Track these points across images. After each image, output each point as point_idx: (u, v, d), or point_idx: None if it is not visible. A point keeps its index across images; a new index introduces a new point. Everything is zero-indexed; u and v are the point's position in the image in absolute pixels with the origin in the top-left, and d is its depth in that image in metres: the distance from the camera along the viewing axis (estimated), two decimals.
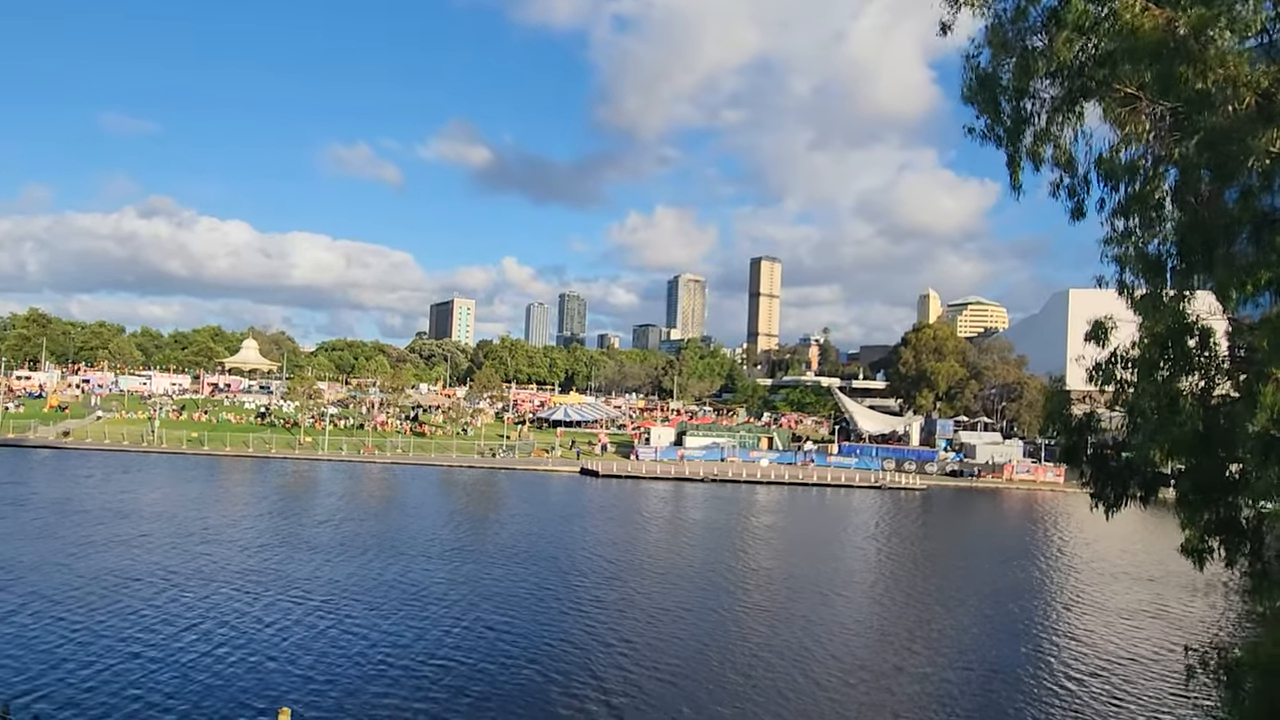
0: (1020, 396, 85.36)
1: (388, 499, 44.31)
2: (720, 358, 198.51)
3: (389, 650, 19.23)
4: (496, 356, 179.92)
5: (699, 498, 50.75)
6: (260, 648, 18.92)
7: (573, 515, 40.71)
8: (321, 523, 35.38)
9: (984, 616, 24.82)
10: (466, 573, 27.09)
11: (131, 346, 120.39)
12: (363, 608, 22.48)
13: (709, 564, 30.38)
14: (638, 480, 57.62)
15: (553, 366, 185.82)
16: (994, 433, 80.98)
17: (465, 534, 34.22)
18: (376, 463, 59.78)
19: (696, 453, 68.88)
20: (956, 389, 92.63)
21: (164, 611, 21.18)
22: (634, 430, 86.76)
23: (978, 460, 69.45)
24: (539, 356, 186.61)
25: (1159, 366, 7.46)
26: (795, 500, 53.38)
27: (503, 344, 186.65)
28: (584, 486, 53.76)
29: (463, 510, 41.15)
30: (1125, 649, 22.20)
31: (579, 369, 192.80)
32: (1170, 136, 7.50)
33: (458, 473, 57.40)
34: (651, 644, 20.52)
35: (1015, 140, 8.32)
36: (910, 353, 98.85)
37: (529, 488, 51.41)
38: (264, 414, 75.78)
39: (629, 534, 36.32)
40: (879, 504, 51.98)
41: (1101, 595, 28.70)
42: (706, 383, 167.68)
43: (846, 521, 44.49)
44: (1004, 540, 40.44)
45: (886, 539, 38.76)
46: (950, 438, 77.19)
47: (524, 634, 20.79)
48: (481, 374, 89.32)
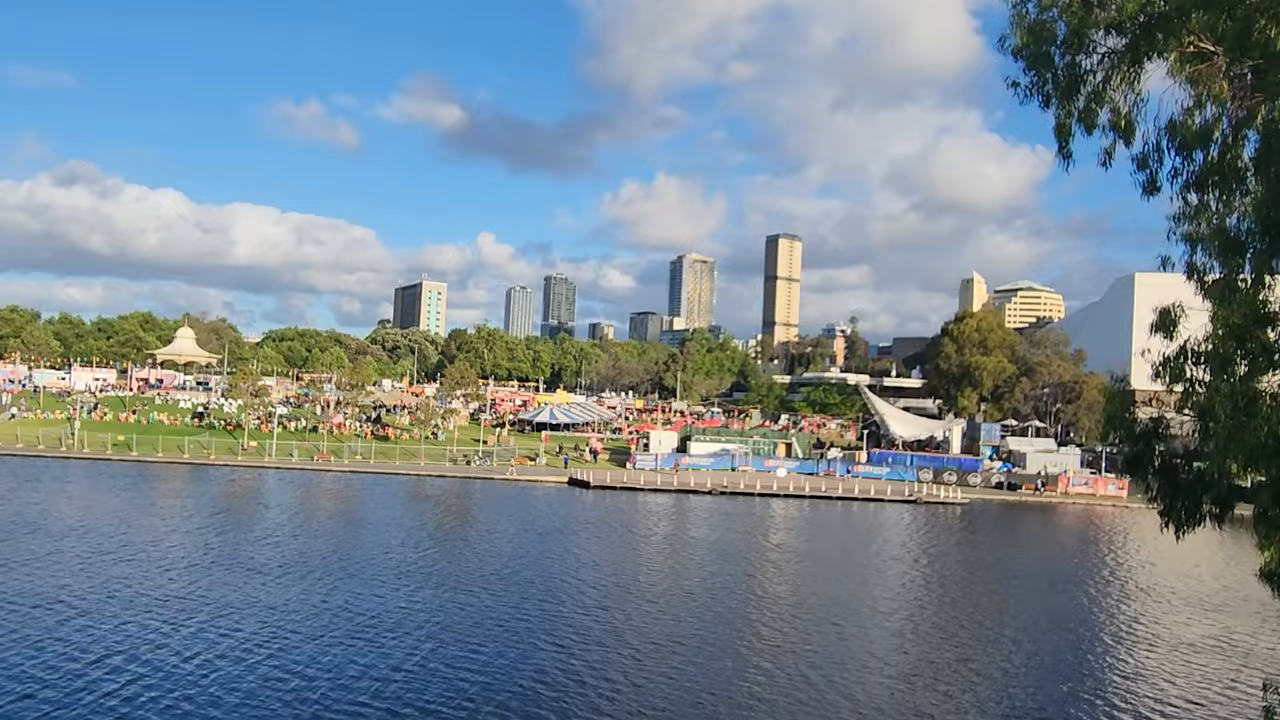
0: (1078, 397, 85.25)
1: (343, 513, 44.18)
2: (731, 351, 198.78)
3: (329, 688, 18.99)
4: (471, 348, 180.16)
5: (705, 513, 50.69)
6: (179, 685, 18.64)
7: (556, 532, 40.58)
8: (263, 540, 35.21)
9: (1030, 653, 24.63)
10: (426, 599, 26.88)
11: (48, 335, 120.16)
12: (303, 639, 22.24)
13: (711, 590, 30.19)
14: (634, 492, 57.58)
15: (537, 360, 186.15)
16: (1047, 439, 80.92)
17: (430, 554, 34.06)
18: (331, 471, 59.74)
19: (703, 461, 68.90)
20: (1004, 388, 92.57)
21: (69, 644, 20.95)
22: (630, 435, 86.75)
23: (1028, 471, 69.37)
24: (521, 349, 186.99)
25: (1234, 362, 7.21)
26: (816, 516, 53.34)
27: (479, 334, 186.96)
28: (572, 499, 53.75)
29: (429, 526, 41.02)
30: (1191, 687, 22.06)
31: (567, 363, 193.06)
32: (1252, 98, 7.22)
33: (426, 483, 57.36)
34: (637, 684, 20.29)
35: (1068, 100, 8.02)
36: (951, 346, 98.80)
37: (508, 500, 51.38)
38: (201, 414, 75.72)
39: (621, 555, 36.17)
40: (913, 520, 51.89)
41: (1166, 627, 28.55)
42: (715, 380, 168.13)
43: (875, 540, 44.38)
44: (1056, 563, 40.31)
45: (920, 561, 38.61)
46: (996, 444, 77.13)
47: (489, 671, 20.56)
48: (454, 369, 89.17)
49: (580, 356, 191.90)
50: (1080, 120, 8.12)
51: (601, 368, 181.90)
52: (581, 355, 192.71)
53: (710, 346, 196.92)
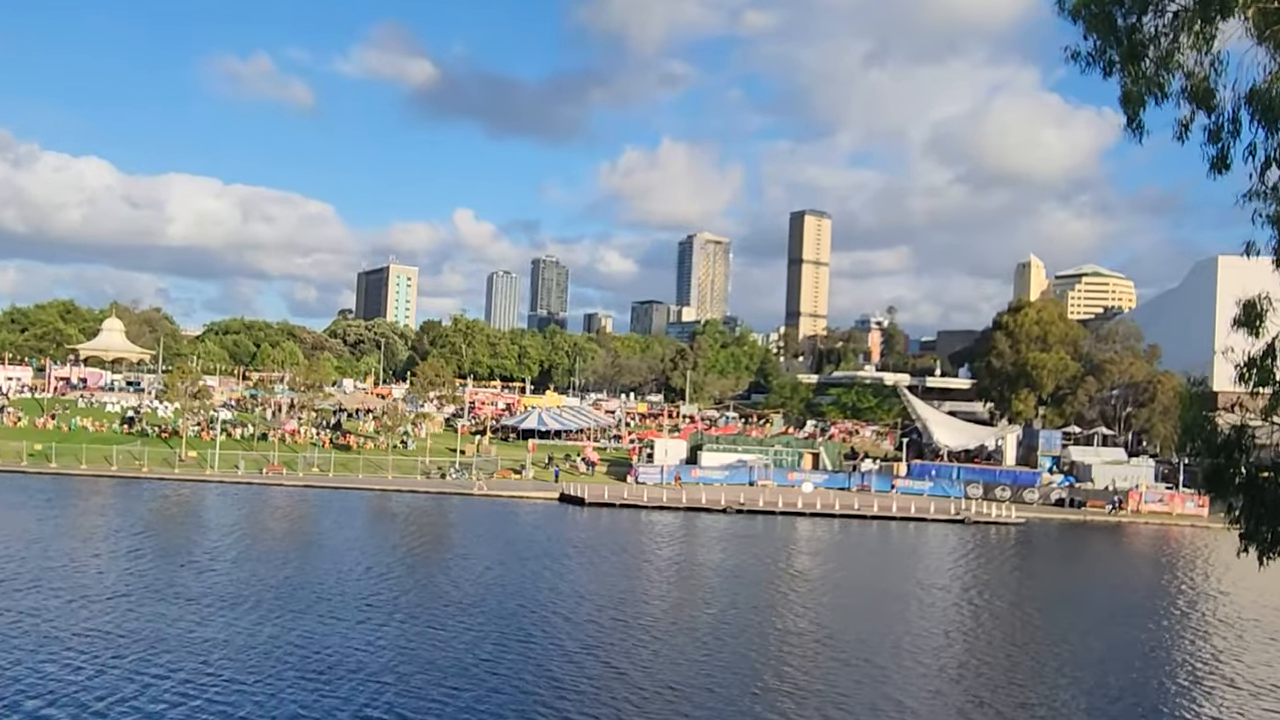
0: (1151, 400, 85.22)
1: (296, 534, 44.30)
2: (749, 346, 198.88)
3: None
4: (447, 343, 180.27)
5: (717, 534, 50.83)
6: None
7: (545, 557, 40.69)
8: (203, 565, 35.30)
9: (1092, 695, 24.63)
10: (393, 635, 26.95)
11: None
12: (250, 681, 22.31)
13: (724, 626, 30.24)
14: (636, 510, 57.78)
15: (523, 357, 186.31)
16: (1115, 448, 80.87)
17: (397, 582, 34.15)
18: (284, 485, 59.92)
19: (716, 474, 69.14)
20: (1066, 390, 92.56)
21: None
22: (632, 443, 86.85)
23: (1094, 485, 69.36)
24: (504, 344, 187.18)
25: None
26: (848, 537, 53.44)
27: (455, 326, 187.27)
28: (564, 518, 53.92)
29: (397, 550, 41.12)
30: None
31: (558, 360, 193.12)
32: None
33: (394, 500, 57.57)
34: None
35: (1133, 66, 8.01)
36: (1005, 341, 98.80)
37: (489, 520, 51.57)
38: (132, 419, 75.88)
39: (619, 584, 36.25)
40: (960, 543, 51.97)
41: (1248, 666, 28.57)
42: (730, 380, 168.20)
43: (916, 566, 44.40)
44: (1125, 593, 40.33)
45: (968, 591, 38.64)
46: (1057, 455, 77.17)
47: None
48: (427, 367, 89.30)
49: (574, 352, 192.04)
50: (1149, 88, 8.11)
51: (598, 365, 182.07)
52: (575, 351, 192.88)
53: (725, 341, 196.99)
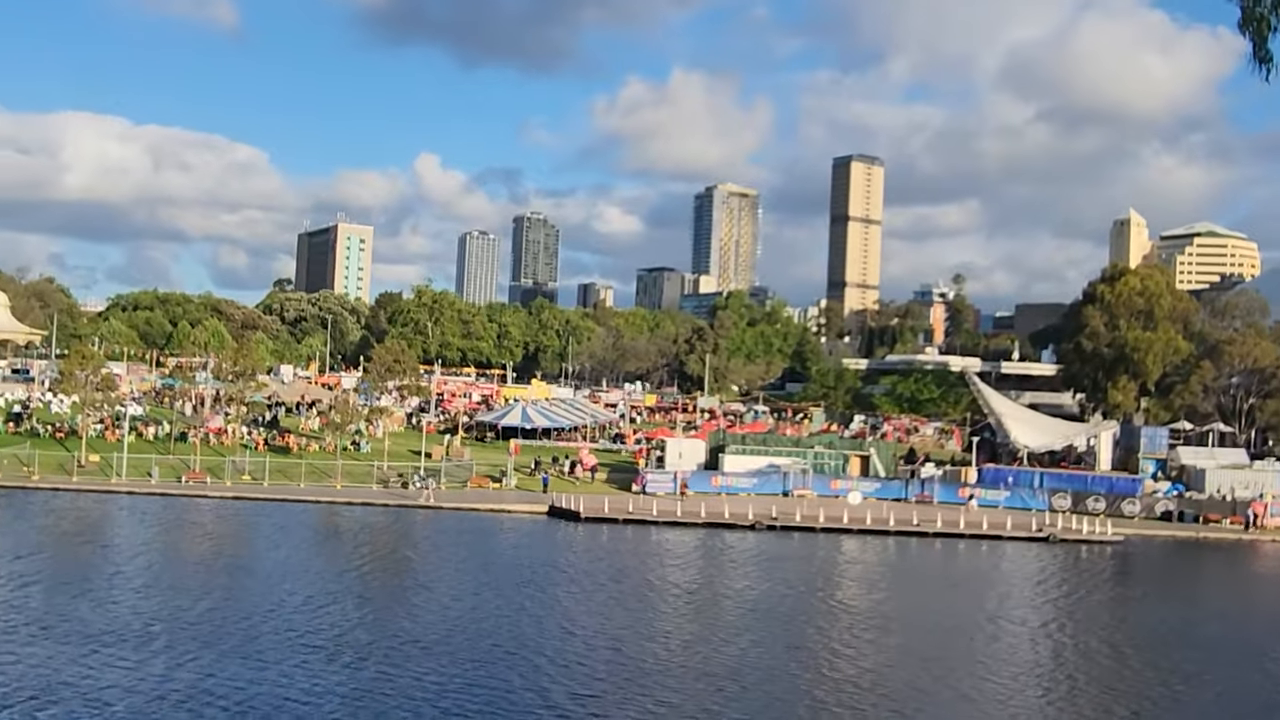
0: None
1: (221, 557, 44.30)
2: (782, 324, 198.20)
3: None
4: (409, 320, 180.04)
5: (743, 555, 50.77)
6: None
7: (527, 585, 40.60)
8: (103, 596, 35.29)
9: None
10: (340, 682, 26.87)
11: None
12: None
13: (744, 668, 30.07)
14: (643, 526, 57.77)
15: (503, 338, 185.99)
16: (1235, 449, 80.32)
17: (343, 617, 34.07)
18: (207, 497, 60.01)
19: (743, 482, 69.13)
20: (1175, 377, 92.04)
21: None
22: (638, 444, 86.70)
23: (1207, 494, 68.97)
24: (480, 321, 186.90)
25: None
26: (904, 560, 53.29)
27: (419, 300, 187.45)
28: (553, 536, 53.94)
29: (344, 577, 41.06)
30: None
31: (547, 342, 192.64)
32: None
33: (345, 514, 57.64)
34: None
35: None
36: (1098, 317, 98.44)
37: (461, 539, 51.51)
38: (19, 415, 75.95)
39: (616, 617, 36.13)
40: (1043, 565, 51.78)
41: None
42: (759, 365, 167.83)
43: (986, 595, 44.22)
44: (1248, 627, 40.07)
45: (1052, 625, 38.46)
46: (1163, 457, 76.71)
47: None
48: (384, 350, 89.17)
49: (566, 332, 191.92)
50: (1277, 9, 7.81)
51: (596, 348, 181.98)
52: (567, 330, 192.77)
53: (753, 317, 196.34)
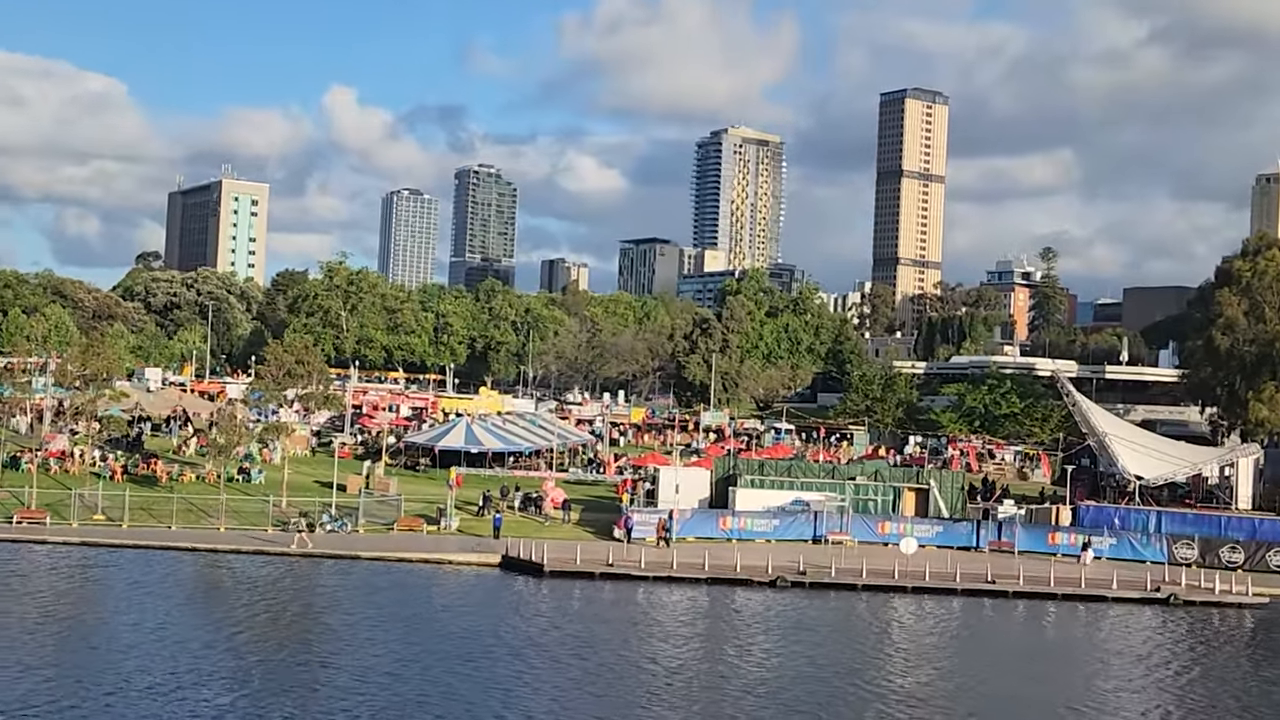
0: None
1: (55, 624, 43.89)
2: (813, 315, 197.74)
3: None
4: (317, 308, 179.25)
5: (761, 622, 50.60)
6: None
7: (463, 666, 40.54)
8: None
9: None
10: None
11: None
12: None
13: None
14: (628, 583, 57.51)
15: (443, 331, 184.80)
16: None
17: (201, 710, 33.68)
18: (47, 542, 59.48)
19: (760, 524, 68.94)
20: None
21: None
22: (621, 474, 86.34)
23: None
24: (411, 310, 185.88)
25: None
26: (975, 627, 53.22)
27: (330, 281, 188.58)
28: (507, 596, 53.90)
29: (213, 651, 40.73)
30: None
31: (500, 337, 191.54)
32: None
33: (227, 566, 57.37)
34: None
35: None
36: (1237, 304, 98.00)
37: (383, 598, 51.28)
38: None
39: (587, 707, 36.09)
40: (1162, 636, 51.71)
41: None
42: (782, 369, 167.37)
43: (1084, 676, 44.03)
44: None
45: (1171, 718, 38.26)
46: None
47: None
48: (283, 348, 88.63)
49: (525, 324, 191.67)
50: None
51: (566, 346, 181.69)
52: (528, 322, 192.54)
53: (774, 305, 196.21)
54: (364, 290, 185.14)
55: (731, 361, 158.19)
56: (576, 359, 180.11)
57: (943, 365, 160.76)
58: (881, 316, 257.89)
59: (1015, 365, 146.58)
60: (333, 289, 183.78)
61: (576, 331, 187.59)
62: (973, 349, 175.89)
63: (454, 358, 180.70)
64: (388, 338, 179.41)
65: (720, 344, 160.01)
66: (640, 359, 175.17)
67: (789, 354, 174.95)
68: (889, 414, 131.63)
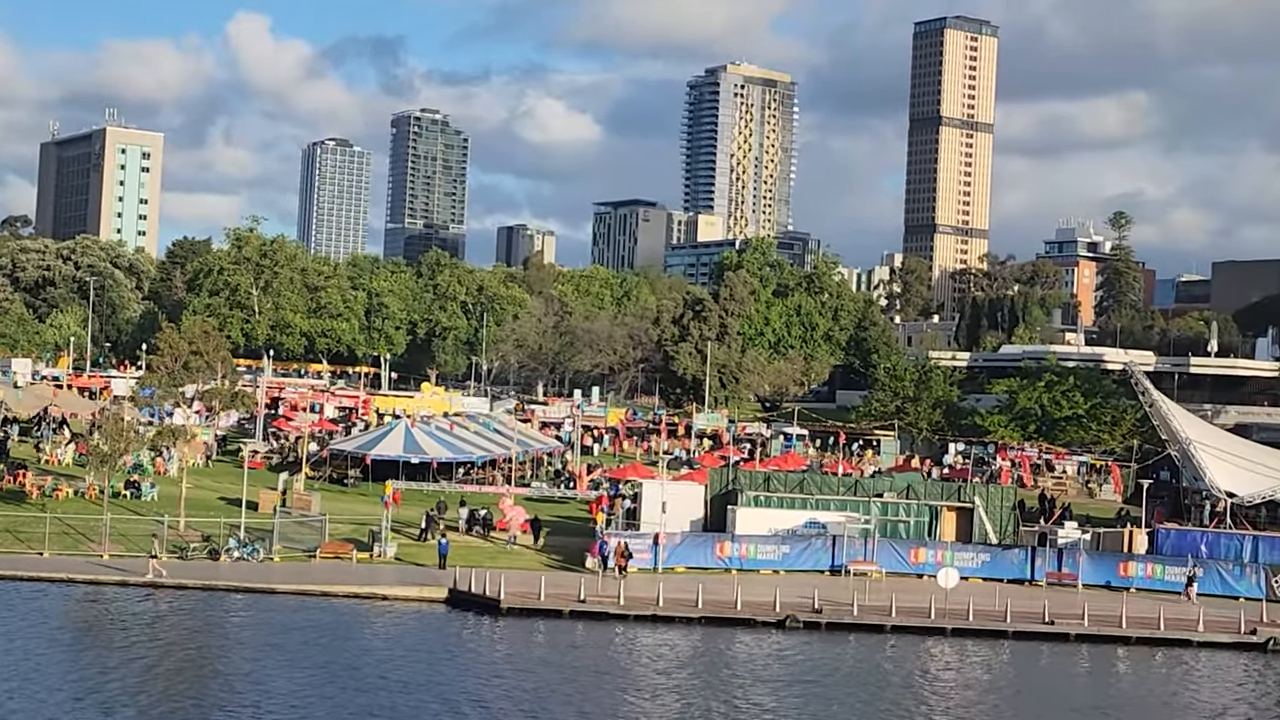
0: None
1: None
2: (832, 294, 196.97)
3: None
4: (222, 286, 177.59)
5: (766, 671, 50.68)
6: None
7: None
8: None
9: None
10: None
11: None
12: None
13: None
14: (603, 623, 57.51)
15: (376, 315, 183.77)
16: None
17: None
18: None
19: (766, 551, 69.32)
20: None
21: None
22: (595, 489, 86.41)
23: None
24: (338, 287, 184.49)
25: None
26: (1029, 677, 53.42)
27: (238, 250, 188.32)
28: (454, 639, 54.06)
29: (82, 709, 40.32)
30: None
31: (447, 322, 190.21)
32: None
33: (111, 601, 57.16)
34: None
35: None
36: None
37: (298, 640, 51.15)
38: None
39: None
40: (1258, 693, 51.73)
41: None
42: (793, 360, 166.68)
43: None
44: None
45: None
46: None
47: None
48: (179, 334, 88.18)
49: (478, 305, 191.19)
50: None
51: (528, 332, 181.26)
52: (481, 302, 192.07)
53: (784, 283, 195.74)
54: (280, 264, 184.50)
55: (731, 352, 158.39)
56: (541, 348, 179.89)
57: (990, 356, 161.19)
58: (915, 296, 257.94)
59: (1079, 357, 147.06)
60: (242, 262, 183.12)
61: (541, 314, 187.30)
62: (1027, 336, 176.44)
63: (390, 346, 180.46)
64: (309, 322, 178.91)
65: (717, 330, 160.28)
66: (619, 348, 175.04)
67: (801, 342, 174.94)
68: (924, 416, 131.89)
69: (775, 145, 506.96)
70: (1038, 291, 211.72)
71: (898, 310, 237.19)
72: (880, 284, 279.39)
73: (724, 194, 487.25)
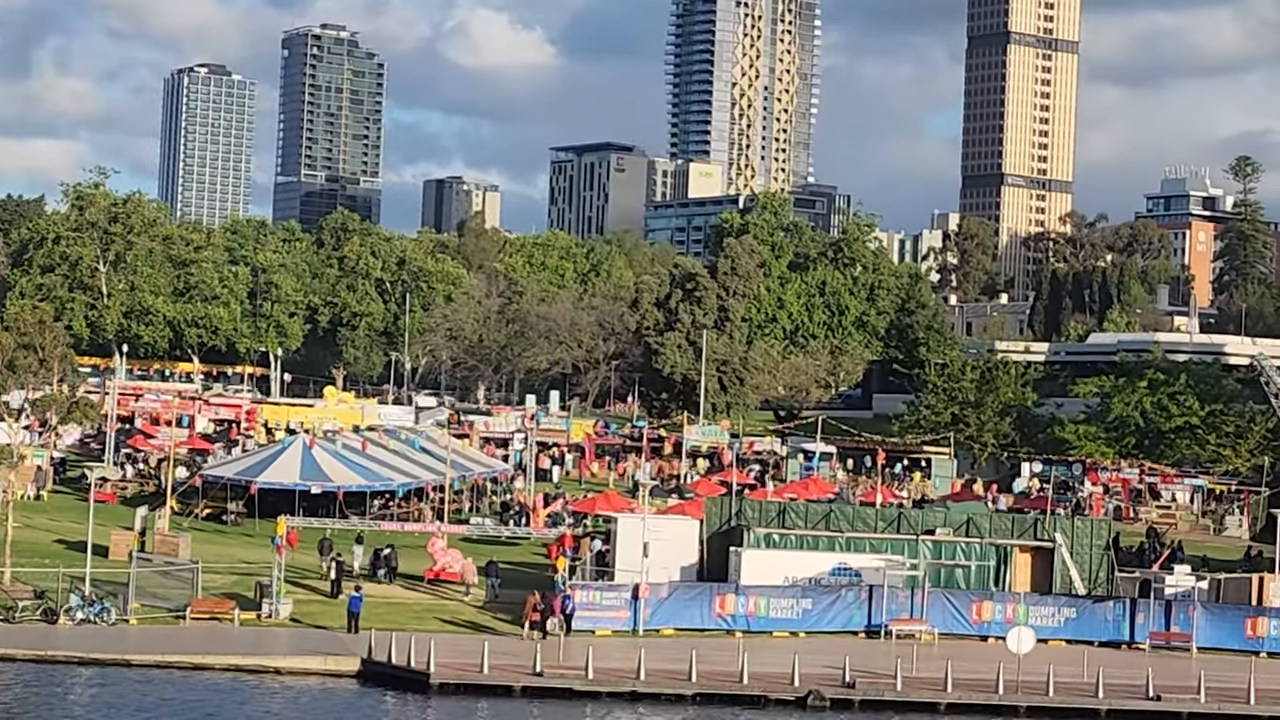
0: None
1: None
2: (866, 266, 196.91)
3: None
4: (59, 260, 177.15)
5: None
6: None
7: None
8: None
9: None
10: None
11: None
12: None
13: None
14: (565, 704, 57.73)
15: (265, 296, 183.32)
16: None
17: None
18: None
19: (781, 606, 69.59)
20: None
21: None
22: (555, 526, 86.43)
23: None
24: (212, 261, 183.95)
25: None
26: None
27: (80, 213, 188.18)
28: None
29: None
30: None
31: (357, 307, 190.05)
32: None
33: None
34: None
35: None
36: None
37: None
38: None
39: None
40: None
41: None
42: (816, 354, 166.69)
43: None
44: None
45: None
46: None
47: None
48: (2, 323, 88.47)
49: (400, 283, 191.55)
50: None
51: (466, 319, 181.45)
52: (404, 279, 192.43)
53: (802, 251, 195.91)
54: (136, 230, 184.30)
55: (734, 344, 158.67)
56: (482, 340, 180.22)
57: (1076, 348, 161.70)
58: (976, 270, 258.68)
59: (1193, 347, 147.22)
60: (84, 228, 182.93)
61: (482, 295, 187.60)
62: (1124, 322, 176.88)
63: (283, 339, 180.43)
64: (176, 307, 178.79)
65: (715, 315, 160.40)
66: (585, 340, 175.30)
67: (826, 331, 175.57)
68: (989, 428, 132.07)
69: (790, 71, 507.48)
70: (1138, 262, 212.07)
71: (953, 288, 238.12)
72: (930, 253, 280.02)
73: (723, 135, 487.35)
